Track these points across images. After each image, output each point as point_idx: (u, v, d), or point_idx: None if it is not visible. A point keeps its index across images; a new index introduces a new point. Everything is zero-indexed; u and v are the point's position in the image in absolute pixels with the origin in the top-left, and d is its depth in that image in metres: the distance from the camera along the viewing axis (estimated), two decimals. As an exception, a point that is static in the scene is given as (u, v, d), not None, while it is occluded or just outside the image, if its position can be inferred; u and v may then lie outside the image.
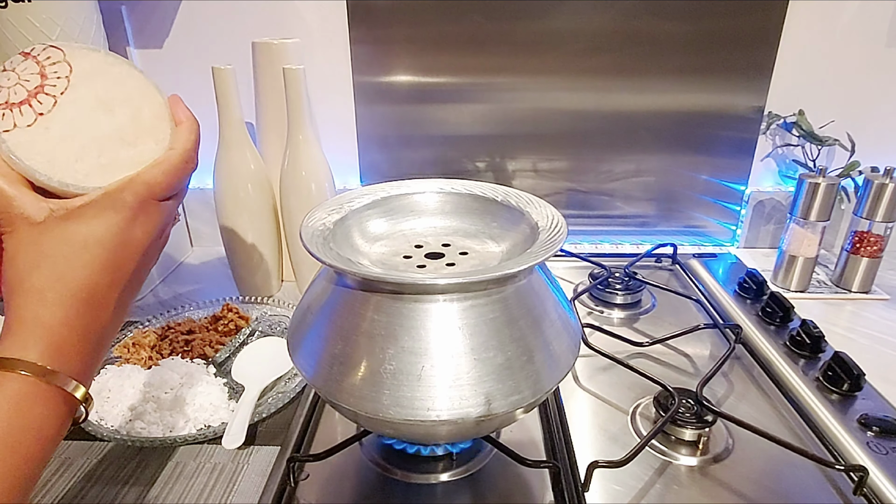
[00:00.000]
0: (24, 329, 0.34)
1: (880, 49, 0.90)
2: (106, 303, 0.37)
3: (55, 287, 0.35)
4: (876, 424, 0.58)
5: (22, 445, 0.32)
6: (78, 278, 0.35)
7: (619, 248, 1.02)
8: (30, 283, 0.35)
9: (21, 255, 0.35)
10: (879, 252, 0.84)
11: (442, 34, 0.89)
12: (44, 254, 0.35)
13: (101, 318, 0.37)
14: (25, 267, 0.35)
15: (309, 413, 0.61)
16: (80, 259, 0.36)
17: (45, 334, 0.34)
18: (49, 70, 0.38)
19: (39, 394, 0.33)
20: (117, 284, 0.38)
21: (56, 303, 0.35)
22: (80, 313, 0.35)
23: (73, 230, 0.36)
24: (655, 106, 0.93)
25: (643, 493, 0.52)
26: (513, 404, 0.42)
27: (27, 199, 0.36)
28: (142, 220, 0.38)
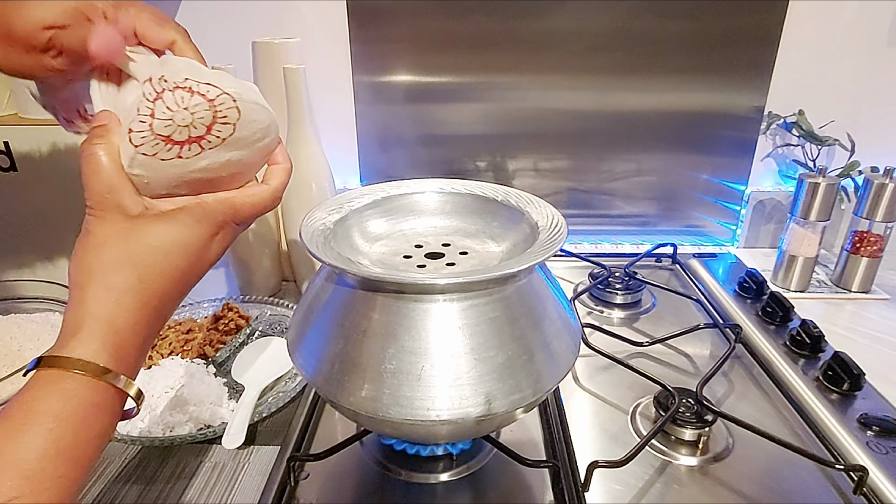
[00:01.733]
0: (97, 329, 0.33)
1: (880, 49, 0.90)
2: (168, 312, 0.38)
3: (134, 291, 0.35)
4: (876, 424, 0.58)
5: (86, 455, 0.32)
6: (155, 286, 0.36)
7: (619, 248, 1.02)
8: (112, 281, 0.34)
9: (108, 248, 0.35)
10: (879, 252, 0.84)
11: (442, 34, 0.89)
12: (130, 254, 0.35)
13: (159, 326, 0.38)
14: (110, 263, 0.35)
15: (309, 413, 0.61)
16: (161, 266, 0.36)
17: (115, 339, 0.34)
18: (219, 117, 0.38)
19: (107, 401, 0.33)
20: (181, 296, 0.38)
21: (132, 308, 0.35)
22: (149, 321, 0.36)
23: (162, 233, 0.36)
24: (656, 105, 0.93)
25: (643, 492, 0.52)
26: (513, 404, 0.42)
27: (127, 190, 0.36)
28: (219, 239, 0.39)
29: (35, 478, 0.29)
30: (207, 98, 0.37)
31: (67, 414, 0.31)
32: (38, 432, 0.29)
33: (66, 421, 0.31)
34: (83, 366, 0.32)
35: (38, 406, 0.30)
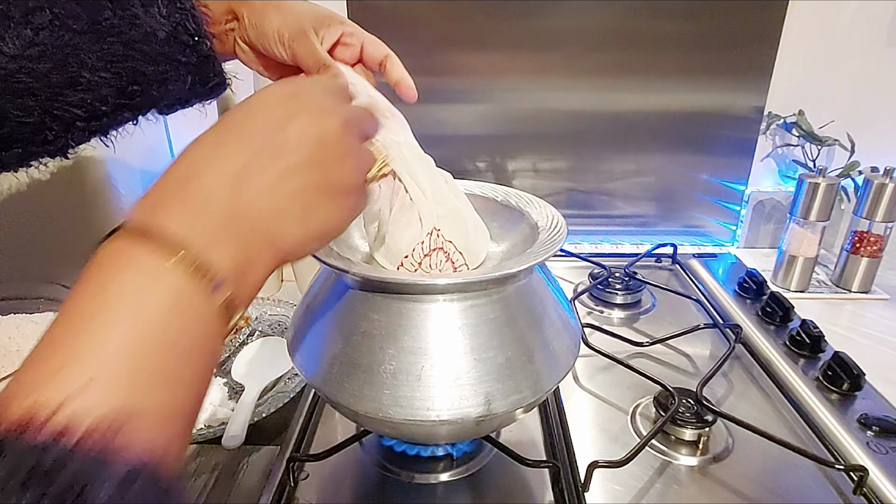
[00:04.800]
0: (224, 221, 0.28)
1: (880, 49, 0.90)
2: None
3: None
4: (876, 424, 0.58)
5: (184, 369, 0.26)
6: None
7: (619, 248, 1.02)
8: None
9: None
10: (879, 252, 0.84)
11: (442, 34, 0.89)
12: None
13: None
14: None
15: (309, 413, 0.61)
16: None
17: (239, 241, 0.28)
18: (453, 257, 0.46)
19: (214, 318, 0.27)
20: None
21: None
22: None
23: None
24: (656, 106, 0.93)
25: (643, 493, 0.52)
26: (513, 404, 0.42)
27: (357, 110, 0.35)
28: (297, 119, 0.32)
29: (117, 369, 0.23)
30: (453, 263, 0.46)
31: (191, 342, 0.26)
32: (125, 321, 0.24)
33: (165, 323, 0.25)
34: (218, 292, 0.27)
35: (157, 319, 0.25)
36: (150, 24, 0.41)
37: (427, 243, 0.44)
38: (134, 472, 0.21)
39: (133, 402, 0.22)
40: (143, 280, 0.25)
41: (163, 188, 0.28)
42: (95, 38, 0.41)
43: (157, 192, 0.28)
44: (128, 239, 0.26)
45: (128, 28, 0.41)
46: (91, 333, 0.24)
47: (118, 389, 0.22)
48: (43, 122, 0.41)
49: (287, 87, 0.33)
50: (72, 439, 0.20)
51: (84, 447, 0.20)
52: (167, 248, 0.26)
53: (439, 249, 0.44)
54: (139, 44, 0.42)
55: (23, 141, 0.42)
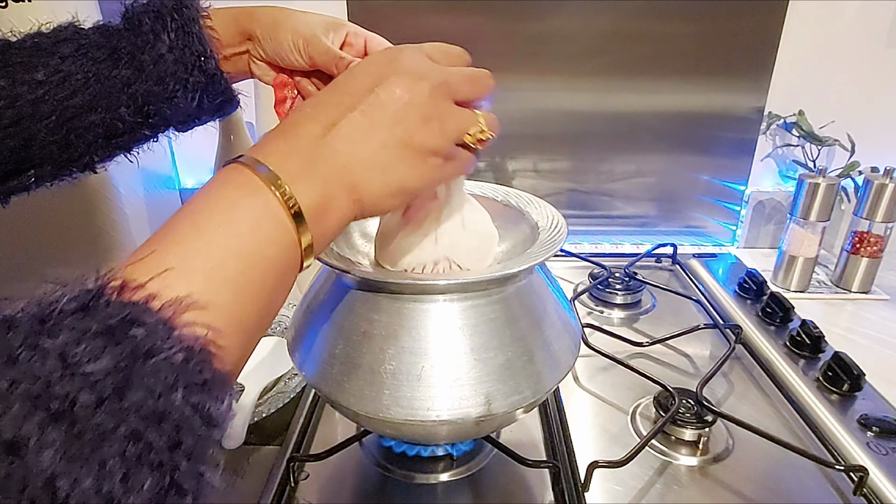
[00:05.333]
0: (332, 178, 0.32)
1: (880, 49, 0.90)
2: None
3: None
4: (876, 424, 0.58)
5: (268, 286, 0.30)
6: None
7: (619, 248, 1.02)
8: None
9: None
10: (879, 252, 0.84)
11: (442, 34, 0.87)
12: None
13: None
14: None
15: (309, 413, 0.61)
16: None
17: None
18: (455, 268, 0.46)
19: (294, 253, 0.31)
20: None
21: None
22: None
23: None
24: (656, 106, 0.93)
25: (643, 493, 0.52)
26: (513, 404, 0.42)
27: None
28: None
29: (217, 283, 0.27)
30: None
31: (268, 254, 0.29)
32: (231, 258, 0.28)
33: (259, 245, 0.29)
34: (297, 217, 0.30)
35: (241, 231, 0.28)
36: (161, 48, 0.46)
37: (435, 266, 0.45)
38: (192, 349, 0.24)
39: (202, 293, 0.25)
40: (238, 195, 0.29)
41: (273, 133, 0.33)
42: (112, 65, 0.46)
43: (268, 135, 0.33)
44: (237, 165, 0.30)
45: (140, 53, 0.46)
46: (185, 230, 0.28)
47: (193, 280, 0.26)
48: (68, 140, 0.46)
49: (391, 51, 0.36)
50: (150, 304, 0.23)
51: (157, 312, 0.23)
52: (263, 175, 0.29)
53: (446, 267, 0.45)
54: (150, 66, 0.46)
55: (52, 158, 0.47)
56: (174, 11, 0.46)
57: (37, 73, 0.44)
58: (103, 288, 0.23)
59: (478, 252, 0.46)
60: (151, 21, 0.46)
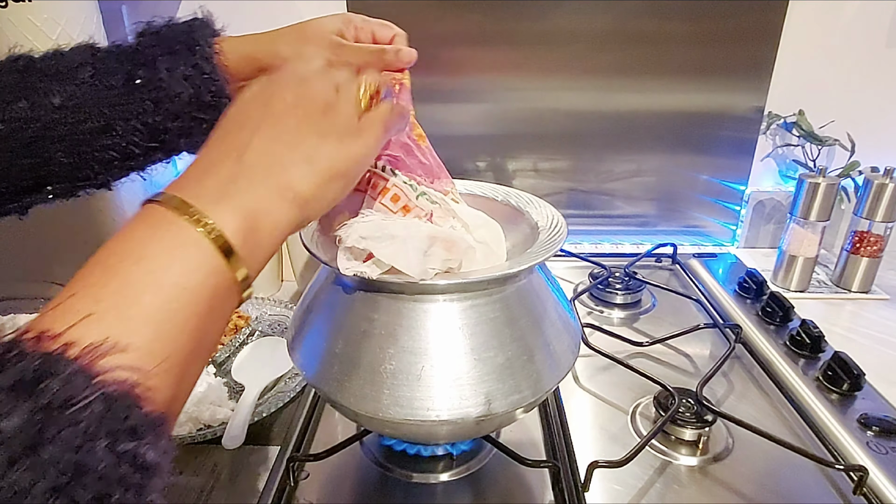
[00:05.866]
0: (246, 206, 0.31)
1: (880, 49, 0.90)
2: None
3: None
4: (876, 424, 0.58)
5: (194, 330, 0.28)
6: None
7: (619, 248, 1.02)
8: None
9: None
10: (879, 252, 0.84)
11: (442, 34, 0.89)
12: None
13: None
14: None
15: (309, 413, 0.61)
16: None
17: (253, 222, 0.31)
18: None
19: (228, 288, 0.30)
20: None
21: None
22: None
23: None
24: (656, 106, 0.93)
25: (643, 492, 0.52)
26: (513, 404, 0.42)
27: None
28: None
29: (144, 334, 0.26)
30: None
31: (189, 283, 0.28)
32: (148, 293, 0.26)
33: (185, 290, 0.27)
34: (218, 240, 0.29)
35: (157, 265, 0.27)
36: (175, 87, 0.48)
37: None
38: (113, 395, 0.23)
39: (120, 335, 0.24)
40: (151, 231, 0.28)
41: (187, 168, 0.33)
42: (127, 94, 0.48)
43: (183, 173, 0.32)
44: (149, 203, 0.30)
45: (154, 90, 0.48)
46: (98, 272, 0.27)
47: (110, 322, 0.25)
48: (83, 161, 0.48)
49: (263, 77, 0.37)
50: (66, 353, 0.22)
51: (73, 361, 0.22)
52: (174, 206, 0.29)
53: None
54: (164, 103, 0.48)
55: (68, 177, 0.49)
56: (188, 50, 0.48)
57: (54, 97, 0.46)
58: (17, 341, 0.22)
59: (493, 245, 0.47)
60: (166, 61, 0.48)
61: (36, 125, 0.46)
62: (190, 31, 0.50)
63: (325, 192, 0.34)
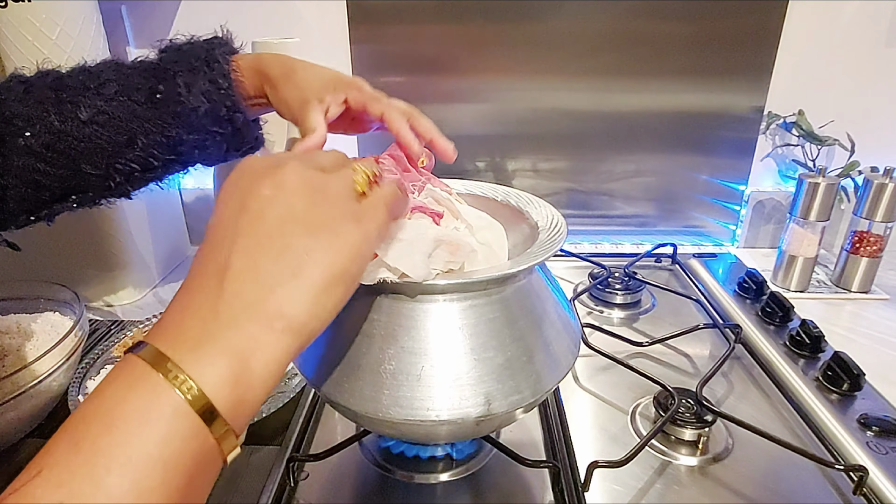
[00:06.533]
0: (233, 356, 0.27)
1: (880, 49, 0.90)
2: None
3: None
4: (876, 424, 0.58)
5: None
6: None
7: (619, 248, 1.02)
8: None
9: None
10: (879, 252, 0.84)
11: (442, 34, 0.89)
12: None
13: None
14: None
15: (309, 413, 0.61)
16: None
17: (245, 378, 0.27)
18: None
19: (213, 456, 0.26)
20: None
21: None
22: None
23: None
24: (655, 106, 0.93)
25: (643, 493, 0.52)
26: (513, 404, 0.42)
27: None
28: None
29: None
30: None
31: (164, 455, 0.24)
32: (114, 474, 0.23)
33: (167, 466, 0.24)
34: (197, 400, 0.25)
35: (126, 436, 0.24)
36: (192, 101, 0.50)
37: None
38: None
39: None
40: (125, 390, 0.25)
41: (172, 302, 0.29)
42: (150, 109, 0.50)
43: (163, 315, 0.29)
44: (129, 354, 0.27)
45: (174, 104, 0.50)
46: (64, 445, 0.24)
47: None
48: (108, 174, 0.51)
49: (237, 167, 0.32)
50: None
51: None
52: (149, 358, 0.26)
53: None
54: (183, 117, 0.50)
55: (92, 187, 0.51)
56: (206, 66, 0.50)
57: (82, 112, 0.48)
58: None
59: (495, 247, 0.47)
60: (185, 77, 0.50)
61: (67, 139, 0.48)
62: (209, 49, 0.52)
63: (323, 307, 0.30)
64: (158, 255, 0.91)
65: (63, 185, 0.50)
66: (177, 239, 0.99)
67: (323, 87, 0.50)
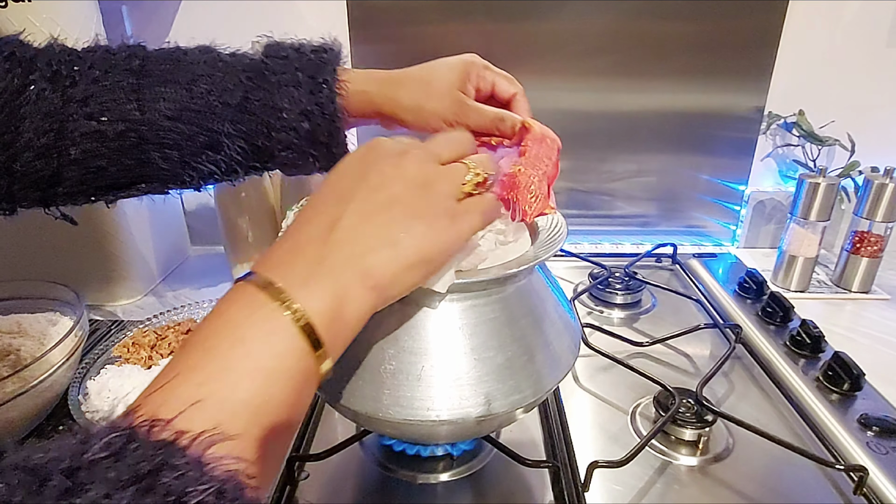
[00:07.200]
0: (336, 293, 0.31)
1: (880, 49, 0.90)
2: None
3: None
4: (876, 424, 0.58)
5: (282, 418, 0.29)
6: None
7: (619, 248, 1.02)
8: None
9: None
10: (879, 252, 0.84)
11: (442, 34, 0.89)
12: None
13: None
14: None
15: (309, 413, 0.61)
16: None
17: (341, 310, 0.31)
18: None
19: (311, 373, 0.30)
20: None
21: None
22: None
23: None
24: (656, 106, 0.93)
25: (643, 493, 0.52)
26: (513, 404, 0.42)
27: None
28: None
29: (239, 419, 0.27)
30: None
31: (281, 369, 0.28)
32: (246, 378, 0.27)
33: (276, 380, 0.28)
34: (306, 327, 0.29)
35: (252, 349, 0.28)
36: (293, 121, 0.47)
37: None
38: (225, 486, 0.23)
39: (225, 422, 0.25)
40: (245, 314, 0.29)
41: (278, 242, 0.33)
42: (241, 114, 0.47)
43: (273, 246, 0.33)
44: (242, 283, 0.30)
45: (270, 117, 0.47)
46: (198, 355, 0.28)
47: (215, 410, 0.26)
48: (183, 170, 0.48)
49: (363, 147, 0.36)
50: (178, 442, 0.23)
51: (186, 451, 0.23)
52: (266, 289, 0.29)
53: None
54: (279, 132, 0.47)
55: (164, 179, 0.49)
56: (313, 84, 0.47)
57: (166, 106, 0.46)
58: (131, 429, 0.23)
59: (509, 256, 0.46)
60: (288, 93, 0.47)
61: (143, 129, 0.46)
62: (319, 63, 0.48)
63: (405, 280, 0.33)
64: (158, 255, 0.91)
65: (130, 174, 0.48)
66: (177, 239, 0.99)
67: (458, 80, 0.50)
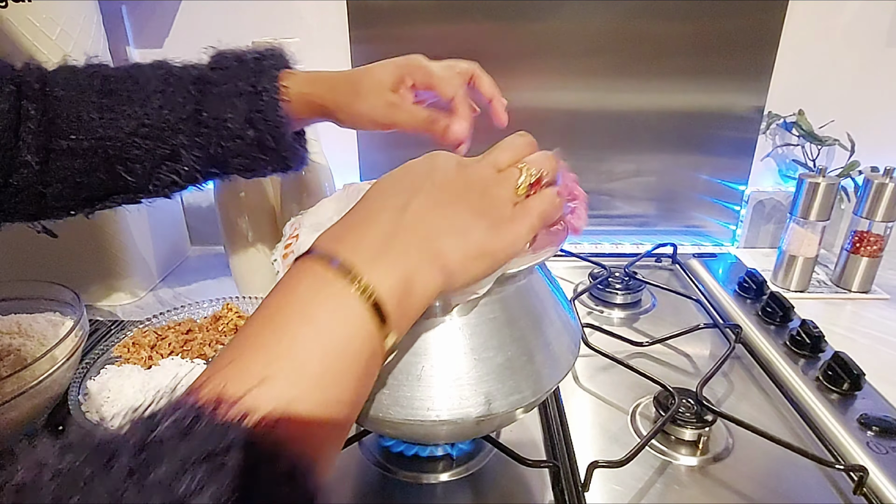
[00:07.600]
0: (403, 274, 0.31)
1: (880, 49, 0.90)
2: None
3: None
4: (876, 424, 0.58)
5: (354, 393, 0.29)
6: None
7: (619, 248, 1.02)
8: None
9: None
10: (879, 252, 0.84)
11: (442, 34, 0.89)
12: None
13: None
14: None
15: (309, 413, 0.61)
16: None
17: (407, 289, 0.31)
18: None
19: (377, 349, 0.30)
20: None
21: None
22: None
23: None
24: (656, 106, 0.93)
25: (643, 492, 0.52)
26: (513, 404, 0.42)
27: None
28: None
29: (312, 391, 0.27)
30: None
31: (350, 347, 0.28)
32: (314, 357, 0.27)
33: (343, 354, 0.28)
34: (375, 306, 0.29)
35: (321, 327, 0.28)
36: (238, 130, 0.51)
37: None
38: (295, 467, 0.23)
39: (294, 402, 0.25)
40: (313, 292, 0.29)
41: (343, 221, 0.33)
42: (194, 126, 0.51)
43: (339, 224, 0.33)
44: (308, 260, 0.30)
45: (219, 127, 0.51)
46: (265, 333, 0.27)
47: (283, 388, 0.25)
48: (148, 181, 0.52)
49: (425, 155, 0.38)
50: (248, 421, 0.23)
51: (256, 430, 0.23)
52: (335, 267, 0.29)
53: None
54: (228, 141, 0.51)
55: (134, 190, 0.53)
56: (255, 93, 0.50)
57: (127, 122, 0.50)
58: (199, 407, 0.23)
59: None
60: (231, 105, 0.50)
61: (108, 145, 0.50)
62: (258, 71, 0.52)
63: (471, 268, 0.34)
64: (158, 255, 0.91)
65: (104, 187, 0.51)
66: (177, 239, 0.99)
67: (394, 81, 0.52)
